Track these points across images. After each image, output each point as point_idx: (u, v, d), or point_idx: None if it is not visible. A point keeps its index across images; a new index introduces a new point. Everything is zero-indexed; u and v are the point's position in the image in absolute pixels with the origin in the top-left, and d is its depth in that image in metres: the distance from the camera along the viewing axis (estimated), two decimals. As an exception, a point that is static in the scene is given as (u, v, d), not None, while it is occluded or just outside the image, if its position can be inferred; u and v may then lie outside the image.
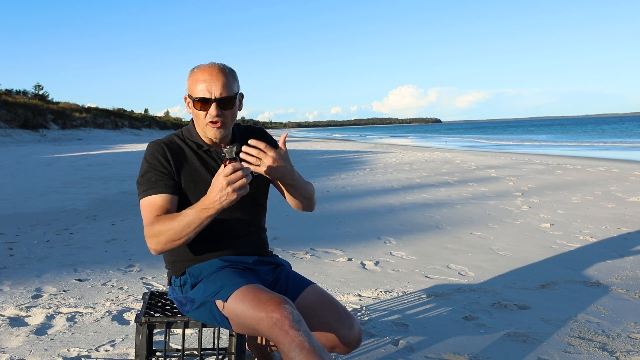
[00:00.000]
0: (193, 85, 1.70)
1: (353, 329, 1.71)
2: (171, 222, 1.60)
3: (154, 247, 1.64)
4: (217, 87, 1.67)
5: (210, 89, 1.67)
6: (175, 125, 59.70)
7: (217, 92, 1.68)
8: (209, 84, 1.67)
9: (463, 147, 28.04)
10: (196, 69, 1.73)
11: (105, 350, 2.36)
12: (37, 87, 44.44)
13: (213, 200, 1.53)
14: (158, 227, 1.61)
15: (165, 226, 1.60)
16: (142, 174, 1.73)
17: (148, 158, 1.74)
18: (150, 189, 1.69)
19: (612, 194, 7.42)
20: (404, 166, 12.97)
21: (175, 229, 1.59)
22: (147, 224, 1.66)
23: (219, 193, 1.50)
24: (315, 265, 3.84)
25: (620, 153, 19.26)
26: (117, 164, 13.25)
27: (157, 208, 1.67)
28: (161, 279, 3.51)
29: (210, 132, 1.73)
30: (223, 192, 1.50)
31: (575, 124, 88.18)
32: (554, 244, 4.49)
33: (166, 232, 1.60)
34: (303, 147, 25.56)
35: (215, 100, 1.68)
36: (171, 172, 1.72)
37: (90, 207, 6.55)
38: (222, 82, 1.68)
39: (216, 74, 1.68)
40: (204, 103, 1.69)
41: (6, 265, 3.83)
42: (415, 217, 5.87)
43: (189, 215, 1.58)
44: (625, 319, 2.76)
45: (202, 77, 1.69)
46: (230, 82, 1.71)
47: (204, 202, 1.56)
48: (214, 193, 1.51)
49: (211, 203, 1.53)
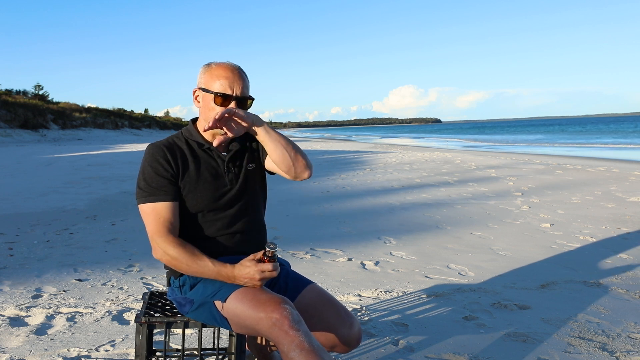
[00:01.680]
0: (211, 79, 1.72)
1: (353, 328, 1.71)
2: (189, 259, 1.64)
3: (159, 258, 1.69)
4: (238, 86, 1.71)
5: (232, 87, 1.71)
6: (175, 125, 59.70)
7: (238, 91, 1.71)
8: (232, 82, 1.71)
9: (462, 147, 28.03)
10: (214, 65, 1.75)
11: (105, 350, 2.36)
12: (37, 87, 44.44)
13: (235, 278, 1.61)
14: (175, 253, 1.65)
15: (181, 257, 1.65)
16: (144, 178, 1.71)
17: (149, 162, 1.73)
18: (151, 195, 1.69)
19: (612, 194, 7.42)
20: (404, 166, 12.97)
21: (189, 267, 1.65)
22: (157, 234, 1.67)
23: (246, 279, 1.60)
24: (315, 265, 3.84)
25: (620, 153, 19.26)
26: (117, 164, 13.25)
27: (164, 219, 1.68)
28: (161, 279, 3.51)
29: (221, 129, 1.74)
30: (250, 281, 1.60)
31: (575, 124, 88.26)
32: (554, 244, 4.49)
33: (179, 263, 1.66)
34: (303, 147, 25.56)
35: (236, 98, 1.71)
36: (174, 175, 1.72)
37: (90, 207, 6.56)
38: (243, 82, 1.73)
39: (238, 74, 1.73)
40: (224, 99, 1.71)
41: (6, 265, 3.83)
42: (415, 217, 5.87)
43: (208, 268, 1.64)
44: (625, 319, 2.76)
45: (225, 73, 1.72)
46: (248, 85, 1.76)
47: (227, 272, 1.62)
48: (242, 276, 1.60)
49: (233, 278, 1.62)
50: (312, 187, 8.56)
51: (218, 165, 1.78)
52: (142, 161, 1.75)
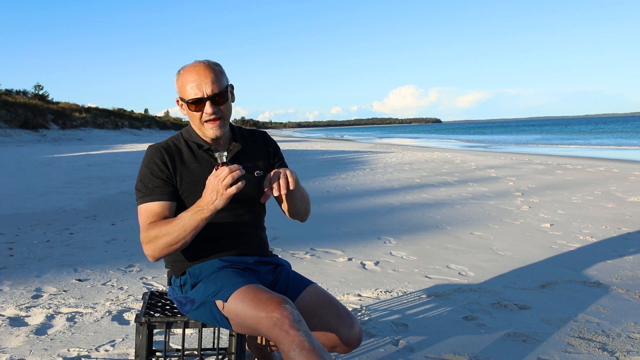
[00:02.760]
0: (183, 87, 1.70)
1: (353, 329, 1.71)
2: (167, 227, 1.60)
3: (151, 254, 1.64)
4: (207, 85, 1.67)
5: (201, 88, 1.67)
6: (175, 125, 59.68)
7: (208, 90, 1.67)
8: (199, 83, 1.67)
9: (462, 147, 28.02)
10: (182, 70, 1.72)
11: (105, 350, 2.36)
12: (37, 87, 44.45)
13: (207, 202, 1.55)
14: (154, 232, 1.62)
15: (162, 231, 1.60)
16: (140, 180, 1.72)
17: (146, 163, 1.73)
18: (147, 196, 1.69)
19: (612, 194, 7.42)
20: (404, 166, 12.97)
21: (171, 233, 1.59)
22: (143, 229, 1.66)
23: (210, 194, 1.53)
24: (315, 265, 3.84)
25: (620, 153, 19.26)
26: (117, 164, 13.25)
27: (154, 215, 1.67)
28: (161, 279, 3.51)
29: (209, 131, 1.73)
30: (213, 192, 1.53)
31: (575, 124, 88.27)
32: (554, 244, 4.49)
33: (162, 237, 1.60)
34: (303, 147, 25.56)
35: (208, 98, 1.68)
36: (170, 177, 1.72)
37: (90, 207, 6.56)
38: (211, 78, 1.68)
39: (203, 72, 1.68)
40: (197, 103, 1.68)
41: (6, 265, 3.83)
42: (415, 217, 5.87)
43: (184, 218, 1.59)
44: (625, 319, 2.77)
45: (191, 77, 1.68)
46: (219, 77, 1.70)
47: (198, 204, 1.58)
48: (207, 194, 1.54)
49: (205, 204, 1.56)
50: (312, 187, 8.56)
51: (217, 166, 1.79)
52: (141, 162, 1.76)
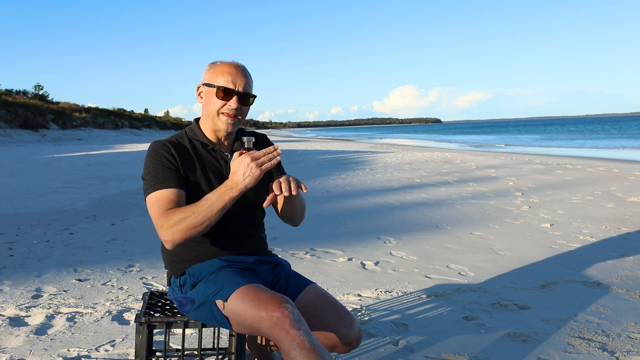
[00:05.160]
0: (215, 75, 1.75)
1: (353, 328, 1.71)
2: (191, 208, 1.60)
3: (171, 238, 1.59)
4: (241, 82, 1.74)
5: (235, 82, 1.73)
6: (175, 125, 59.70)
7: (240, 87, 1.74)
8: (235, 77, 1.74)
9: (462, 147, 28.02)
10: (219, 62, 1.78)
11: (105, 350, 2.36)
12: (37, 87, 44.46)
13: (236, 180, 1.57)
14: (178, 216, 1.59)
15: (186, 212, 1.59)
16: (149, 171, 1.71)
17: (153, 156, 1.72)
18: (158, 184, 1.67)
19: (612, 194, 7.42)
20: (404, 166, 12.97)
21: (198, 213, 1.58)
22: (160, 215, 1.62)
23: (243, 170, 1.56)
24: (315, 265, 3.84)
25: (620, 153, 19.26)
26: (117, 164, 13.25)
27: (170, 201, 1.65)
28: (161, 279, 3.51)
29: (222, 124, 1.75)
30: (247, 168, 1.55)
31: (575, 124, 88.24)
32: (554, 244, 4.49)
33: (187, 218, 1.58)
34: (303, 147, 25.56)
35: (238, 93, 1.73)
36: (178, 168, 1.72)
37: (90, 207, 6.55)
38: (246, 80, 1.76)
39: (241, 71, 1.76)
40: (226, 93, 1.73)
41: (6, 265, 3.83)
42: (415, 217, 5.87)
43: (211, 198, 1.60)
44: (625, 319, 2.77)
45: (228, 69, 1.75)
46: (251, 83, 1.79)
47: (227, 184, 1.60)
48: (239, 172, 1.57)
49: (234, 183, 1.58)
50: (312, 187, 8.56)
51: (221, 166, 1.79)
52: (145, 158, 1.74)
